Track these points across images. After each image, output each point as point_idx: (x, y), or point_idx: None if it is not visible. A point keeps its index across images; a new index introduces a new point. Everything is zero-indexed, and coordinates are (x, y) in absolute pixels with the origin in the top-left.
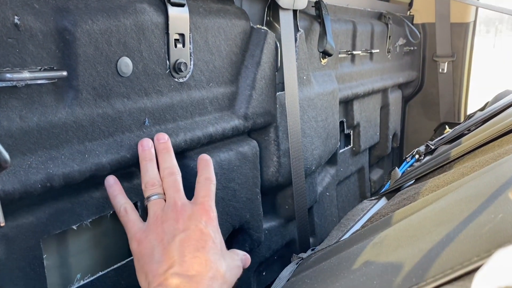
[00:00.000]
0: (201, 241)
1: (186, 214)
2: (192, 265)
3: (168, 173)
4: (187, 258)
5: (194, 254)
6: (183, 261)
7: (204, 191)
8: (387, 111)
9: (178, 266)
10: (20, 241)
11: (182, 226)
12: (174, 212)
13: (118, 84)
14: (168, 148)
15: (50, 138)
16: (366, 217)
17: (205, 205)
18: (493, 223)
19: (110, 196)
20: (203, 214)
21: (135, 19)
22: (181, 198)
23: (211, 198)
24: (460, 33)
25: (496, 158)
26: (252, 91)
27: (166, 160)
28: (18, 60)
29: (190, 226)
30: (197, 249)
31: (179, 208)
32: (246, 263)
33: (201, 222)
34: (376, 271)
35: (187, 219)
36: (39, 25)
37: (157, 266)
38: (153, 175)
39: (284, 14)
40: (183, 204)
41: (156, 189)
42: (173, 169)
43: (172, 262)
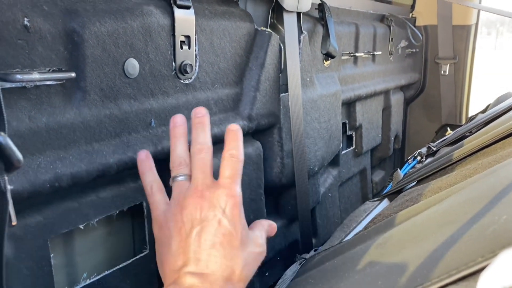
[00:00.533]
0: (219, 234)
1: (206, 201)
2: (207, 263)
3: (197, 150)
4: (203, 255)
5: (209, 251)
6: (198, 258)
7: (229, 170)
8: (389, 112)
9: (193, 264)
10: (28, 240)
11: (200, 215)
12: (195, 198)
13: (125, 85)
14: (203, 123)
15: (58, 138)
16: (369, 218)
17: (227, 188)
18: (497, 225)
19: (140, 172)
20: (224, 200)
21: (142, 21)
22: (205, 180)
23: (237, 179)
24: (462, 35)
25: (498, 161)
26: (256, 93)
27: (198, 136)
28: (28, 61)
29: (208, 216)
30: (213, 244)
31: (199, 193)
32: (271, 232)
33: (221, 210)
34: (380, 271)
35: (207, 207)
36: (48, 26)
37: (173, 261)
38: (180, 154)
39: (288, 17)
40: (205, 188)
41: (182, 169)
42: (203, 145)
43: (187, 259)
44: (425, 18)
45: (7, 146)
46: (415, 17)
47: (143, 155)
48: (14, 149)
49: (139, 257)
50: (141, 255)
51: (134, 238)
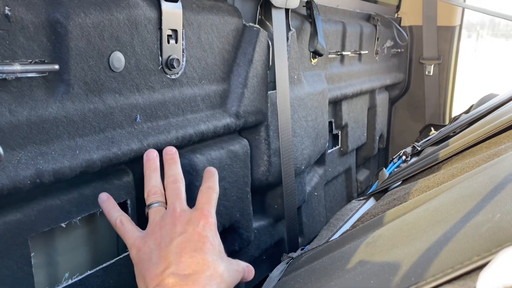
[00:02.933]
0: (199, 242)
1: (184, 219)
2: (189, 264)
3: (171, 181)
4: (184, 258)
5: (191, 254)
6: (179, 261)
7: (205, 198)
8: (374, 112)
9: (174, 266)
10: (7, 238)
11: (179, 229)
12: (173, 217)
13: (110, 79)
14: (175, 159)
15: (40, 133)
16: (356, 217)
17: (204, 211)
18: (492, 223)
19: (105, 211)
20: (201, 219)
21: (128, 13)
22: (182, 205)
23: (212, 205)
24: (446, 36)
25: (485, 160)
26: (244, 89)
27: (171, 169)
28: (9, 52)
29: (187, 229)
30: (195, 249)
31: (177, 214)
32: (248, 275)
33: (199, 225)
34: (372, 270)
35: (185, 223)
36: (30, 16)
37: (154, 268)
38: (155, 184)
39: (277, 13)
40: (182, 210)
41: (157, 197)
42: (176, 177)
43: (169, 262)
44: (410, 19)
45: None
46: (400, 17)
47: (104, 197)
48: None
49: (123, 256)
50: (125, 254)
51: (118, 237)
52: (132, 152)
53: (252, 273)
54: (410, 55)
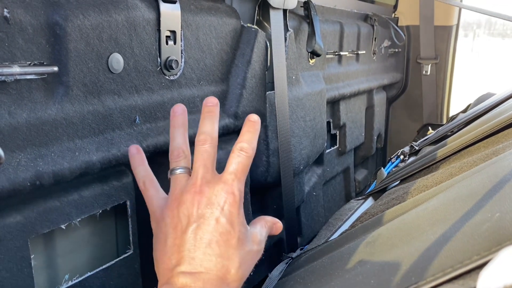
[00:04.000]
0: (215, 233)
1: (204, 197)
2: (201, 262)
3: (201, 141)
4: (197, 254)
5: (204, 249)
6: (192, 257)
7: (234, 164)
8: (372, 112)
9: (186, 263)
10: (7, 241)
11: (197, 212)
12: (192, 193)
13: (109, 81)
14: (212, 112)
15: (40, 135)
16: (355, 217)
17: (228, 184)
18: (491, 222)
19: (132, 167)
20: (223, 197)
21: (127, 15)
22: (206, 174)
23: (241, 175)
24: (443, 36)
25: (484, 159)
26: (243, 90)
27: (205, 125)
28: (7, 54)
29: (205, 214)
30: (209, 243)
31: (197, 188)
32: (275, 230)
33: (219, 208)
34: (372, 270)
35: (204, 204)
36: (29, 18)
37: (167, 260)
38: (179, 145)
39: (275, 14)
40: (204, 182)
41: (180, 161)
42: (207, 136)
43: (181, 257)
44: (407, 18)
45: None
46: (397, 17)
47: (134, 150)
48: None
49: (123, 257)
50: (125, 255)
51: (117, 238)
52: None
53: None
54: (408, 55)
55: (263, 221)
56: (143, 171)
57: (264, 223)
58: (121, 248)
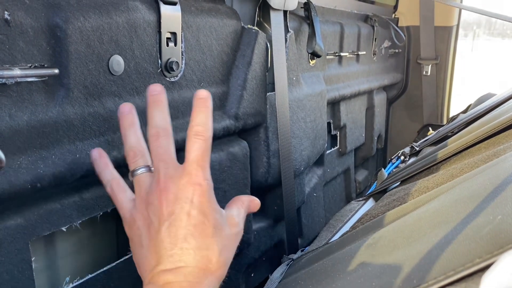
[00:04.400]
0: (189, 227)
1: (170, 194)
2: (180, 257)
3: (154, 136)
4: (175, 251)
5: (181, 245)
6: (170, 255)
7: (194, 151)
8: (372, 112)
9: (166, 261)
10: (8, 243)
11: (166, 210)
12: (158, 192)
13: (110, 83)
14: (159, 101)
15: (41, 137)
16: (355, 218)
17: (192, 175)
18: (493, 225)
19: (97, 172)
20: (191, 190)
21: (127, 16)
22: (168, 170)
23: (203, 161)
24: (443, 36)
25: (485, 160)
26: (243, 91)
27: (154, 117)
28: (8, 57)
29: (174, 210)
30: (185, 237)
31: (162, 185)
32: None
33: (188, 201)
34: (373, 272)
35: (172, 200)
36: (29, 21)
37: (147, 262)
38: (132, 144)
39: (275, 15)
40: (168, 179)
41: (138, 160)
42: (159, 129)
43: (160, 257)
44: (407, 19)
45: None
46: (397, 17)
47: (96, 154)
48: None
49: (124, 259)
50: (125, 257)
51: (118, 240)
52: None
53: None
54: (408, 56)
55: (239, 201)
56: (108, 174)
57: (241, 204)
58: (121, 250)
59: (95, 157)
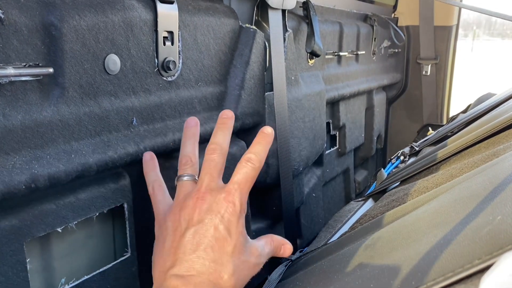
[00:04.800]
0: (212, 239)
1: (205, 204)
2: (194, 264)
3: (210, 150)
4: (192, 256)
5: (199, 253)
6: (185, 260)
7: (240, 175)
8: (372, 112)
9: (179, 265)
10: (2, 244)
11: (197, 217)
12: (195, 199)
13: (106, 82)
14: (226, 125)
15: (35, 137)
16: (354, 219)
17: (230, 196)
18: (492, 225)
19: (144, 171)
20: (224, 206)
21: (124, 15)
22: (210, 182)
23: (243, 186)
24: (443, 36)
25: (484, 160)
26: (241, 91)
27: (216, 135)
28: (2, 56)
29: (204, 219)
30: (205, 248)
31: (200, 195)
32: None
33: (218, 215)
34: (372, 273)
35: (205, 210)
36: (24, 19)
37: (163, 262)
38: (187, 152)
39: (273, 14)
40: (208, 191)
41: (187, 168)
42: (217, 146)
43: (175, 259)
44: (407, 19)
45: None
46: (397, 17)
47: (147, 156)
48: None
49: (120, 260)
50: (122, 258)
51: (115, 241)
52: (128, 155)
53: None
54: (407, 55)
55: (269, 238)
56: (153, 175)
57: (270, 241)
58: (118, 251)
59: (146, 158)
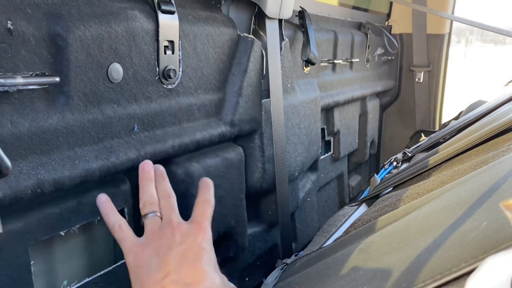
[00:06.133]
0: (198, 254)
1: (182, 230)
2: (189, 273)
3: (164, 195)
4: (184, 267)
5: (191, 264)
6: (180, 270)
7: (201, 210)
8: (366, 118)
9: (175, 273)
10: (8, 247)
11: (179, 239)
12: (171, 228)
13: (109, 90)
14: (163, 176)
15: (41, 143)
16: (348, 223)
17: (201, 224)
18: (478, 231)
19: (103, 213)
20: (199, 232)
21: (126, 25)
22: (177, 217)
23: (208, 218)
24: (436, 44)
25: (474, 167)
26: (239, 98)
27: (162, 184)
28: (10, 65)
29: (186, 240)
30: (194, 260)
31: (175, 224)
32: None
33: (198, 237)
34: (365, 276)
35: (184, 234)
36: (31, 30)
37: (154, 274)
38: (151, 194)
39: (270, 23)
40: (179, 222)
41: (153, 207)
42: (168, 192)
43: (169, 270)
44: (400, 27)
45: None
46: (390, 25)
47: (103, 198)
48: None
49: (121, 263)
50: (122, 261)
51: (115, 244)
52: (129, 161)
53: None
54: (401, 63)
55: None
56: (115, 215)
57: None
58: (118, 254)
59: (102, 200)
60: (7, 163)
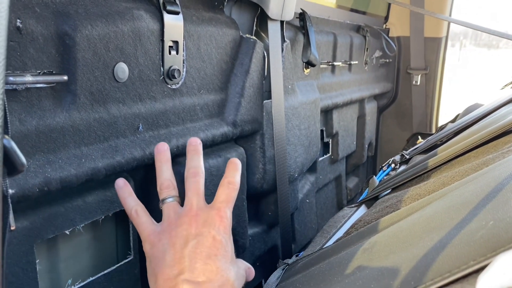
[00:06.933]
0: (213, 248)
1: (200, 219)
2: (202, 271)
3: (191, 174)
4: (198, 264)
5: (205, 261)
6: (194, 267)
7: (224, 195)
8: (364, 121)
9: (188, 272)
10: (14, 245)
11: (195, 231)
12: (189, 216)
13: (115, 89)
14: (197, 150)
15: (48, 142)
16: (349, 224)
17: (221, 212)
18: (485, 230)
19: (121, 198)
20: (217, 221)
21: (132, 25)
22: (199, 202)
23: (230, 204)
24: (433, 47)
25: (475, 169)
26: (241, 99)
27: (193, 160)
28: (19, 64)
29: (203, 232)
30: (209, 256)
31: (193, 212)
32: (249, 275)
33: (215, 228)
34: (371, 275)
35: (201, 224)
36: (40, 29)
37: (168, 270)
38: (167, 177)
39: (272, 25)
40: (199, 208)
41: (170, 191)
42: (197, 169)
43: (183, 267)
44: (398, 30)
45: (11, 149)
46: (388, 28)
47: (121, 182)
48: (19, 153)
49: (124, 262)
50: (125, 260)
51: (118, 243)
52: (134, 160)
53: (252, 273)
54: (398, 65)
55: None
56: (133, 201)
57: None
58: (121, 253)
59: (120, 185)
60: (22, 160)
